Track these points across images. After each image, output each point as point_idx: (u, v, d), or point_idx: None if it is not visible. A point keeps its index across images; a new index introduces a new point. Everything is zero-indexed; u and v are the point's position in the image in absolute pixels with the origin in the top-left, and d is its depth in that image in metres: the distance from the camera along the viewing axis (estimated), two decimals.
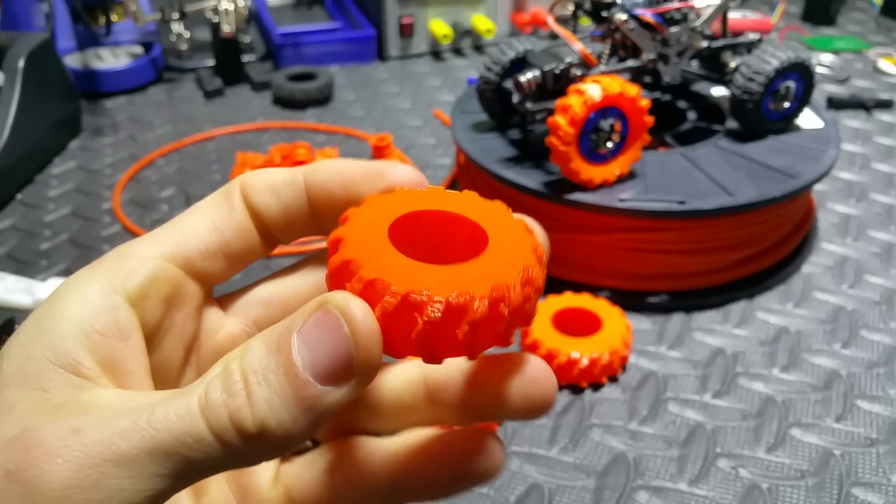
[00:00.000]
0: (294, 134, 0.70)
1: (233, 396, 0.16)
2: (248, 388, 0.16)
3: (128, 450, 0.16)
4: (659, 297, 0.47)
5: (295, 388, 0.16)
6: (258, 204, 0.21)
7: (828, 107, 0.73)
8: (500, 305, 0.16)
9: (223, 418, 0.16)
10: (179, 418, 0.16)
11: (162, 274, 0.20)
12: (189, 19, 0.78)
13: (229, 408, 0.16)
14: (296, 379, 0.16)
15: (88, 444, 0.16)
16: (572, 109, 0.42)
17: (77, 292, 0.19)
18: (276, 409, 0.16)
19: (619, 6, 0.48)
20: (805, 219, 0.53)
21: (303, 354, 0.16)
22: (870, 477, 0.36)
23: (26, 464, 0.16)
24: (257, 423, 0.16)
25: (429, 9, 0.84)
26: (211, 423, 0.16)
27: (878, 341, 0.45)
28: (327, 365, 0.16)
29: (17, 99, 0.61)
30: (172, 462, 0.16)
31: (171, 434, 0.16)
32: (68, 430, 0.16)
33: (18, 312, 0.48)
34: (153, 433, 0.16)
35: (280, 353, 0.16)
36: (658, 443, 0.38)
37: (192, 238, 0.20)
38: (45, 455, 0.16)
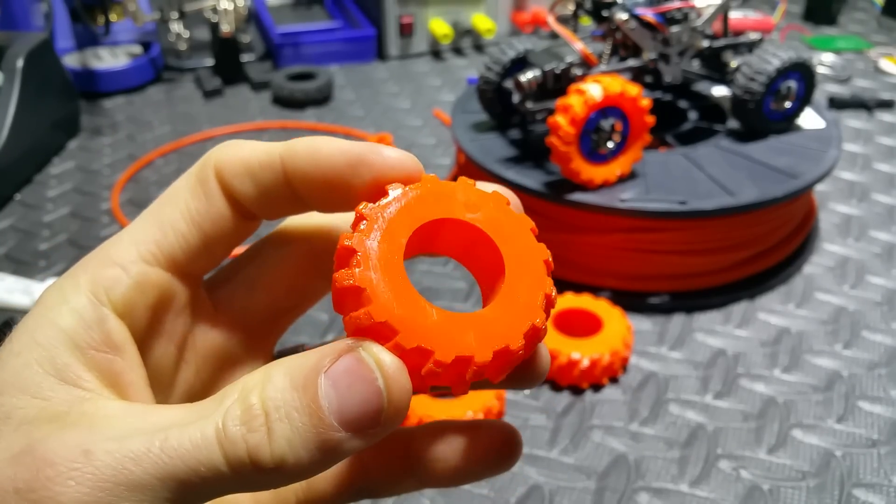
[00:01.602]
0: (293, 134, 0.70)
1: (252, 432, 0.16)
2: (268, 424, 0.16)
3: (140, 476, 0.16)
4: (660, 297, 0.47)
5: (318, 431, 0.16)
6: (235, 189, 0.20)
7: (829, 107, 0.73)
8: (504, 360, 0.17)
9: (241, 452, 0.16)
10: (195, 447, 0.16)
11: (147, 280, 0.19)
12: (188, 19, 0.78)
13: (248, 443, 0.16)
14: (321, 423, 0.16)
15: (100, 468, 0.16)
16: (573, 109, 0.42)
17: (66, 305, 0.19)
18: (296, 448, 0.16)
19: (620, 6, 0.47)
20: (806, 219, 0.53)
21: (330, 399, 0.16)
22: (871, 478, 0.36)
23: (37, 484, 0.16)
24: (276, 460, 0.16)
25: (429, 8, 0.84)
26: (227, 456, 0.16)
27: (880, 342, 0.45)
28: (356, 414, 0.16)
29: (16, 99, 0.61)
30: (184, 489, 0.16)
31: (185, 463, 0.16)
32: (79, 452, 0.16)
33: (17, 313, 0.48)
34: (167, 461, 0.16)
35: (306, 392, 0.16)
36: (659, 444, 0.38)
37: (171, 235, 0.20)
38: (57, 476, 0.16)
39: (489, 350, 0.17)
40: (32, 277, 0.51)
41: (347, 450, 0.16)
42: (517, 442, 0.21)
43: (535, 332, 0.17)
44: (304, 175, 0.19)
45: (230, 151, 0.20)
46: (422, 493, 0.36)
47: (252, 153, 0.20)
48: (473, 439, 0.21)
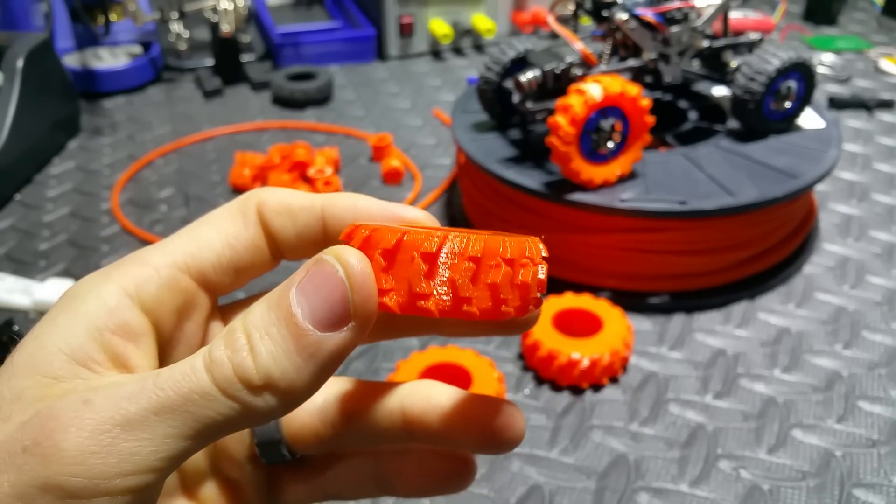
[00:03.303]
0: (293, 134, 0.70)
1: (236, 352, 0.17)
2: (251, 344, 0.17)
3: (136, 412, 0.16)
4: (660, 297, 0.47)
5: (295, 337, 0.17)
6: (273, 225, 0.21)
7: (829, 107, 0.73)
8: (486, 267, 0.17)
9: (228, 373, 0.17)
10: (184, 376, 0.17)
11: (176, 284, 0.20)
12: (188, 19, 0.78)
13: (233, 362, 0.17)
14: (295, 328, 0.17)
15: (98, 412, 0.16)
16: (573, 109, 0.42)
17: (92, 293, 0.20)
18: (279, 360, 0.17)
19: (620, 6, 0.47)
20: (806, 219, 0.53)
21: (301, 305, 0.17)
22: (871, 478, 0.36)
23: (42, 437, 0.16)
24: (262, 375, 0.16)
25: (429, 8, 0.84)
26: (216, 379, 0.17)
27: (880, 342, 0.45)
28: (325, 311, 0.17)
29: (16, 99, 0.61)
30: (180, 421, 0.17)
31: (176, 392, 0.17)
32: (79, 402, 0.17)
33: (17, 313, 0.48)
34: (159, 393, 0.17)
35: (279, 307, 0.17)
36: (659, 444, 0.38)
37: (206, 251, 0.21)
38: (59, 427, 0.16)
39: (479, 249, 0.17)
40: (32, 277, 0.51)
41: (330, 351, 0.17)
42: (470, 469, 0.22)
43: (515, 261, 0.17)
44: (341, 220, 0.21)
45: (274, 192, 0.22)
46: None
47: (294, 196, 0.22)
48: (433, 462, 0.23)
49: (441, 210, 0.58)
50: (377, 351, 0.44)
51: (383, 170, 0.62)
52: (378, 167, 0.64)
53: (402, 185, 0.61)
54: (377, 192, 0.60)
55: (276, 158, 0.62)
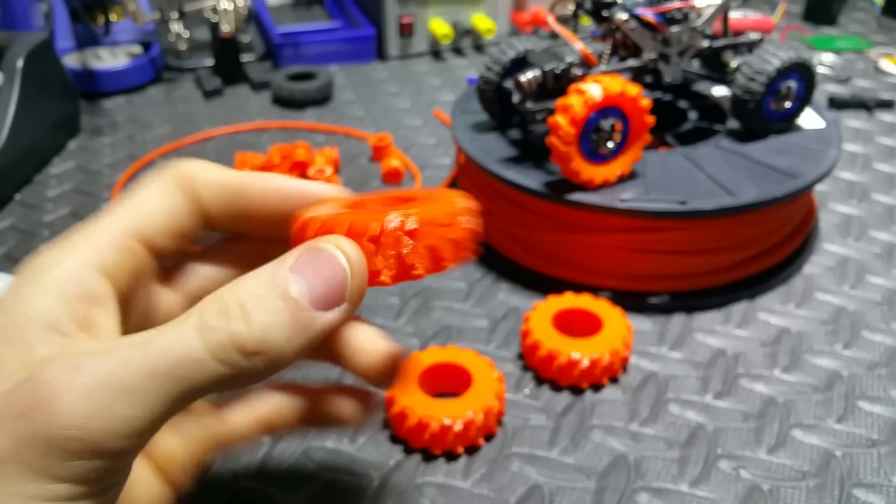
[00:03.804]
0: (293, 134, 0.70)
1: (231, 320, 0.18)
2: (245, 313, 0.18)
3: (130, 377, 0.17)
4: (660, 297, 0.47)
5: (292, 311, 0.18)
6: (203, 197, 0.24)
7: (829, 107, 0.73)
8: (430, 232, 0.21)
9: (222, 339, 0.18)
10: (177, 342, 0.18)
11: (131, 250, 0.22)
12: (188, 19, 0.78)
13: (228, 330, 0.18)
14: (293, 303, 0.18)
15: (92, 377, 0.17)
16: (573, 109, 0.42)
17: (55, 263, 0.21)
18: (274, 330, 0.18)
19: (620, 6, 0.47)
20: (806, 219, 0.53)
21: (299, 284, 0.19)
22: (871, 478, 0.36)
23: (37, 402, 0.17)
24: (257, 341, 0.18)
25: (429, 8, 0.84)
26: (210, 346, 0.18)
27: (880, 342, 0.45)
28: (323, 292, 0.19)
29: (16, 99, 0.61)
30: (171, 385, 0.18)
31: (168, 359, 0.18)
32: (70, 368, 0.18)
33: None
34: (153, 359, 0.18)
35: (275, 284, 0.19)
36: (659, 444, 0.38)
37: (151, 219, 0.23)
38: (53, 393, 0.17)
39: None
40: None
41: (322, 326, 0.19)
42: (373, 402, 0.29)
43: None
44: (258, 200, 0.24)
45: (198, 165, 0.25)
46: (421, 493, 0.36)
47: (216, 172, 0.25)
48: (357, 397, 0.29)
49: None
50: None
51: (383, 170, 0.62)
52: (378, 167, 0.64)
53: (402, 184, 0.61)
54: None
55: (276, 158, 0.62)
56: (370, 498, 0.35)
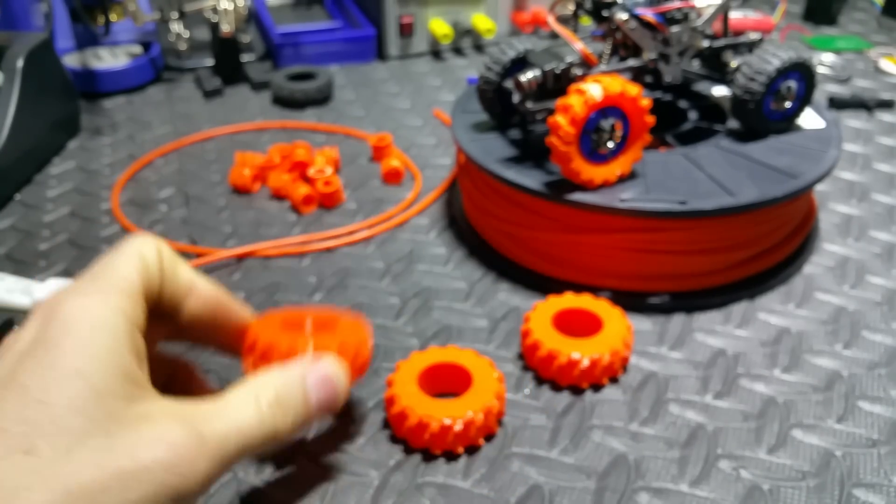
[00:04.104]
0: (293, 134, 0.70)
1: (275, 417, 0.28)
2: (284, 412, 0.28)
3: (232, 450, 0.26)
4: (660, 297, 0.47)
5: (307, 414, 0.29)
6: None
7: (829, 107, 0.73)
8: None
9: (272, 430, 0.27)
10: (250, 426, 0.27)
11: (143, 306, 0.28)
12: (188, 19, 0.78)
13: (276, 425, 0.28)
14: (309, 409, 0.29)
15: (212, 447, 0.25)
16: (573, 109, 0.42)
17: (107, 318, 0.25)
18: (295, 426, 0.29)
19: (620, 6, 0.47)
20: (806, 219, 0.53)
21: (312, 396, 0.30)
22: (871, 478, 0.36)
23: (177, 459, 0.23)
24: (286, 433, 0.28)
25: (429, 8, 0.84)
26: (265, 433, 0.27)
27: (880, 342, 0.45)
28: (326, 403, 0.30)
29: (16, 99, 0.61)
30: (241, 453, 0.26)
31: (245, 436, 0.26)
32: (196, 436, 0.24)
33: (17, 313, 0.48)
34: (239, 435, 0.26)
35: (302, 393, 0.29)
36: (659, 444, 0.38)
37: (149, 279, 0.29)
38: (190, 455, 0.24)
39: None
40: (32, 277, 0.51)
41: (315, 420, 0.30)
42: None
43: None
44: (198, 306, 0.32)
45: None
46: (421, 493, 0.36)
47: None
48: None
49: (441, 210, 0.58)
50: (377, 351, 0.44)
51: (383, 170, 0.62)
52: (378, 167, 0.64)
53: (402, 184, 0.61)
54: (377, 191, 0.60)
55: (276, 158, 0.62)
56: (370, 498, 0.35)
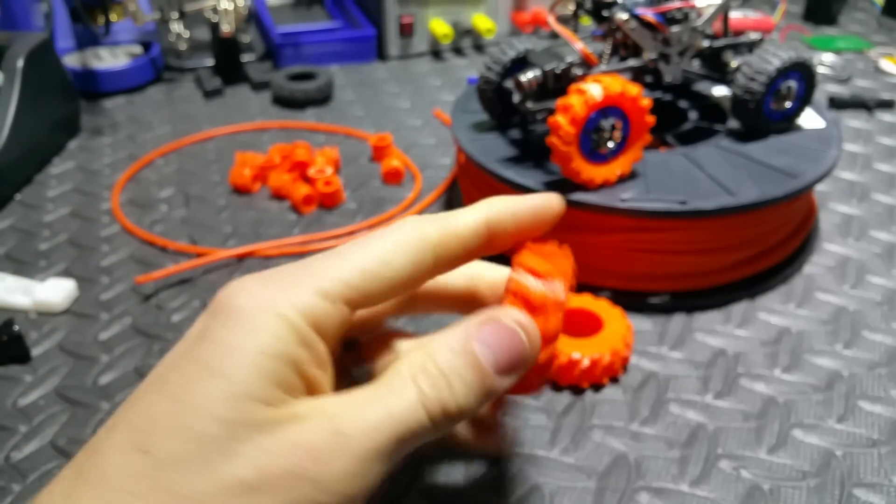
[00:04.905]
0: (294, 134, 0.70)
1: (440, 391, 0.22)
2: (449, 385, 0.22)
3: (382, 442, 0.21)
4: (660, 297, 0.47)
5: (482, 381, 0.22)
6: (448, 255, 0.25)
7: (829, 107, 0.73)
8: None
9: (438, 408, 0.22)
10: (409, 410, 0.21)
11: (340, 314, 0.23)
12: (188, 19, 0.78)
13: (441, 401, 0.22)
14: (483, 373, 0.22)
15: (352, 442, 0.21)
16: (573, 109, 0.42)
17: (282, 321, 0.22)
18: (469, 398, 0.22)
19: (621, 5, 0.47)
20: (806, 219, 0.53)
21: (485, 355, 0.22)
22: (871, 478, 0.36)
23: (311, 464, 0.20)
24: (458, 409, 0.22)
25: (429, 8, 0.84)
26: (430, 413, 0.22)
27: (880, 342, 0.45)
28: (506, 362, 0.23)
29: (16, 99, 0.61)
30: (405, 445, 0.22)
31: (405, 424, 0.21)
32: (332, 433, 0.21)
33: (17, 313, 0.48)
34: (395, 424, 0.21)
35: (466, 356, 0.22)
36: (659, 444, 0.38)
37: (376, 288, 0.23)
38: (325, 457, 0.20)
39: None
40: (32, 277, 0.51)
41: (500, 389, 0.23)
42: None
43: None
44: (504, 227, 0.26)
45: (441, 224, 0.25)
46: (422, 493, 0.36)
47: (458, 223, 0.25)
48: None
49: (441, 210, 0.58)
50: None
51: (383, 170, 0.62)
52: (378, 167, 0.64)
53: (402, 185, 0.61)
54: (377, 191, 0.60)
55: (276, 158, 0.62)
56: None
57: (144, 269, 0.51)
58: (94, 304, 0.48)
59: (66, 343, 0.45)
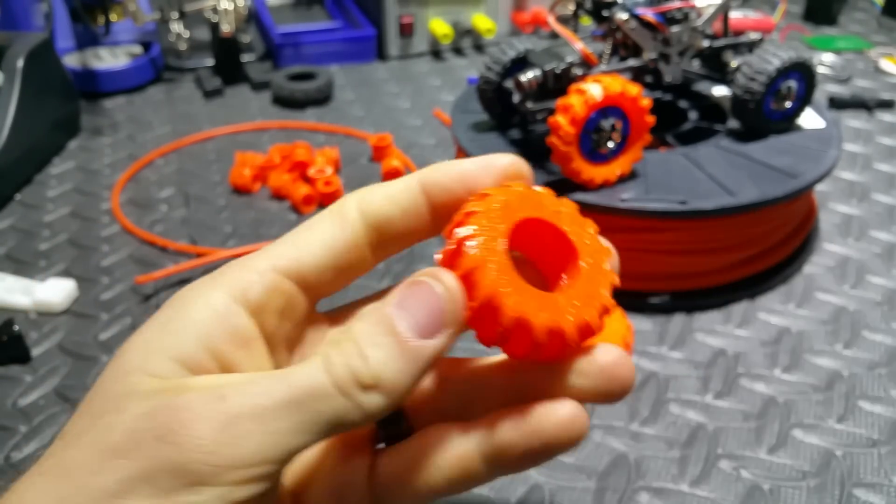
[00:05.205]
0: (294, 134, 0.70)
1: (350, 357, 0.19)
2: (361, 351, 0.19)
3: (268, 406, 0.19)
4: (660, 297, 0.47)
5: (401, 345, 0.19)
6: (378, 213, 0.23)
7: (829, 107, 0.73)
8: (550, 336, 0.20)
9: (344, 373, 0.19)
10: (307, 377, 0.19)
11: (278, 286, 0.22)
12: (188, 19, 0.78)
13: (349, 366, 0.19)
14: (400, 338, 0.19)
15: (231, 406, 0.19)
16: (573, 109, 0.42)
17: (202, 299, 0.21)
18: (387, 364, 0.19)
19: (621, 5, 0.47)
20: (806, 219, 0.53)
21: (402, 317, 0.20)
22: (871, 478, 0.36)
23: (177, 426, 0.18)
24: (373, 376, 0.19)
25: (429, 8, 0.84)
26: (335, 378, 0.19)
27: (880, 342, 0.45)
28: (425, 320, 0.20)
29: (16, 99, 0.61)
30: (301, 417, 0.19)
31: (302, 391, 0.19)
32: (214, 398, 0.19)
33: (17, 313, 0.48)
34: (288, 391, 0.19)
35: (380, 322, 0.20)
36: (659, 444, 0.38)
37: (305, 254, 0.22)
38: (195, 418, 0.18)
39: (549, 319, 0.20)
40: (32, 277, 0.51)
41: (427, 354, 0.20)
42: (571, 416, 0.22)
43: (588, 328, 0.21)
44: (440, 184, 0.23)
45: (371, 187, 0.23)
46: None
47: (391, 183, 0.23)
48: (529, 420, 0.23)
49: None
50: None
51: (383, 170, 0.62)
52: (378, 167, 0.64)
53: None
54: None
55: (276, 158, 0.62)
56: None
57: (144, 269, 0.51)
58: (94, 304, 0.49)
59: (66, 343, 0.45)
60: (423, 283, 0.20)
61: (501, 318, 0.19)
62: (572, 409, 0.21)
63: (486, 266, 0.20)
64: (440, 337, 0.20)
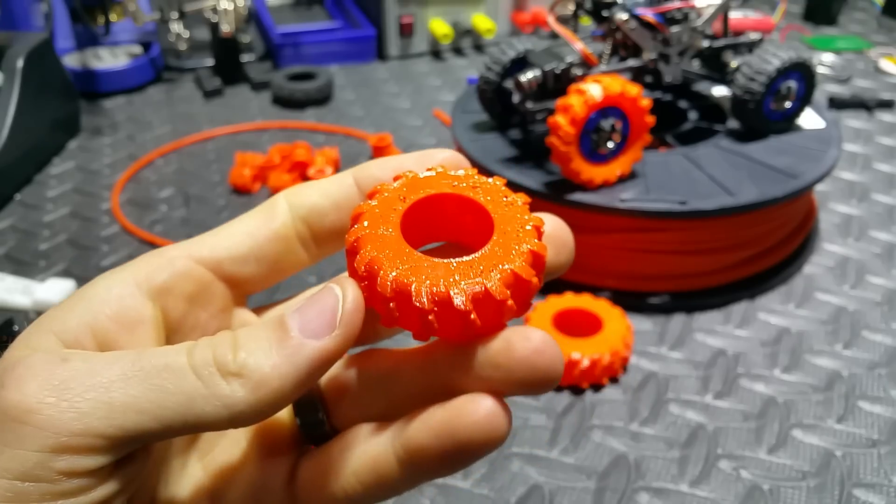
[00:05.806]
0: (293, 134, 0.70)
1: (220, 343, 0.18)
2: (234, 340, 0.18)
3: (106, 376, 0.17)
4: (660, 297, 0.47)
5: (278, 337, 0.18)
6: (307, 206, 0.22)
7: (829, 107, 0.73)
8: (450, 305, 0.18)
9: (206, 355, 0.17)
10: (164, 354, 0.18)
11: (188, 272, 0.21)
12: (188, 19, 0.78)
13: (214, 348, 0.18)
14: (281, 331, 0.18)
15: (70, 370, 0.17)
16: (573, 109, 0.42)
17: (103, 281, 0.21)
18: (257, 354, 0.17)
19: (620, 6, 0.47)
20: (806, 219, 0.53)
21: (295, 319, 0.18)
22: (871, 478, 0.36)
23: (9, 379, 0.17)
24: (238, 363, 0.17)
25: (429, 8, 0.84)
26: (192, 359, 0.17)
27: (880, 342, 0.45)
28: (316, 321, 0.18)
29: (16, 99, 0.61)
30: (144, 392, 0.17)
31: (150, 365, 0.17)
32: (57, 359, 0.18)
33: (17, 313, 0.48)
34: (134, 364, 0.17)
35: (270, 322, 0.18)
36: (659, 444, 0.38)
37: (224, 242, 0.22)
38: (28, 375, 0.17)
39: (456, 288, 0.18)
40: (32, 277, 0.51)
41: (308, 353, 0.18)
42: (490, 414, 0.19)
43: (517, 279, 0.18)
44: (374, 177, 0.22)
45: (305, 184, 0.22)
46: (421, 493, 0.36)
47: (325, 180, 0.22)
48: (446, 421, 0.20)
49: None
50: None
51: None
52: None
53: None
54: None
55: (276, 158, 0.62)
56: None
57: None
58: None
59: None
60: (328, 288, 0.19)
61: (382, 288, 0.18)
62: (489, 406, 0.18)
63: (365, 245, 0.18)
64: (328, 339, 0.18)
